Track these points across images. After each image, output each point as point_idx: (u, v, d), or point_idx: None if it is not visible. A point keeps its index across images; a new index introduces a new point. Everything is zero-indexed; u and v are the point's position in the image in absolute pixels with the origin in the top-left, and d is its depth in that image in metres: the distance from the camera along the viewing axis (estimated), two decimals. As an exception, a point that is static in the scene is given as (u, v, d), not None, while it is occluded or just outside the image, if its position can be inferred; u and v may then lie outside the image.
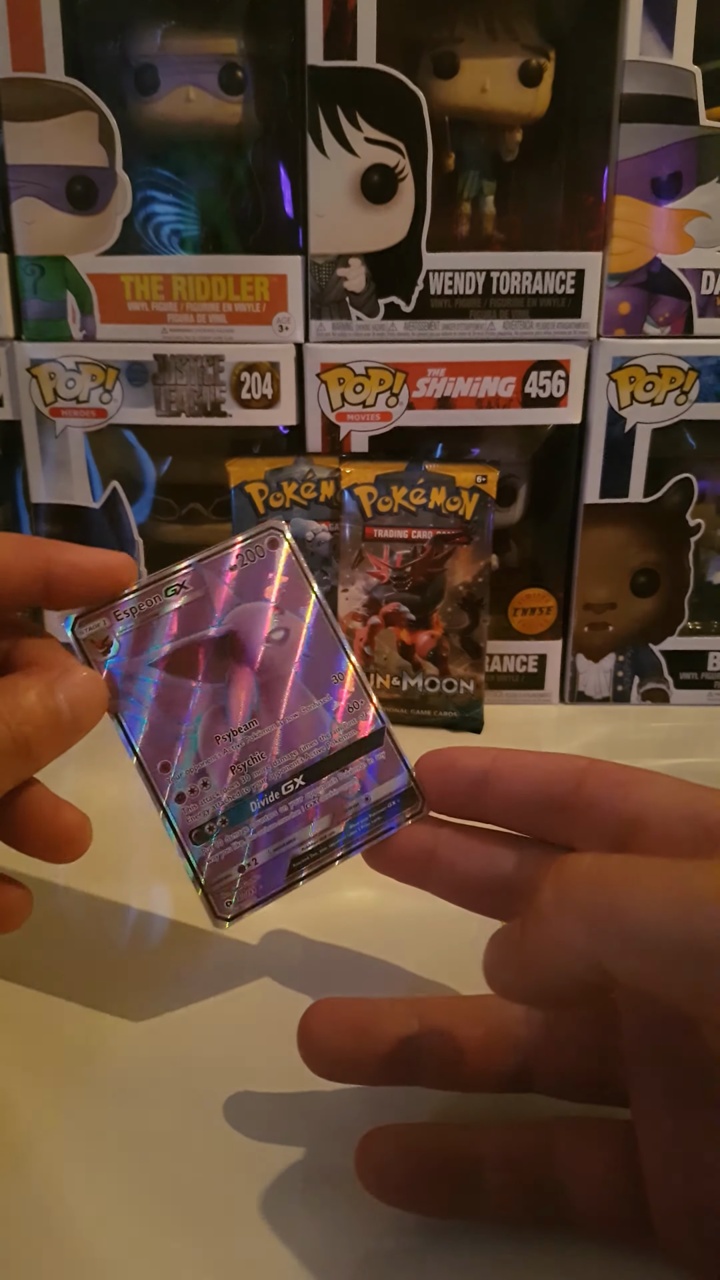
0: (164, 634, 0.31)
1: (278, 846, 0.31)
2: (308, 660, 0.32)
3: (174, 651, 0.31)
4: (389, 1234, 0.27)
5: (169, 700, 0.31)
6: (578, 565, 0.57)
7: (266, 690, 0.32)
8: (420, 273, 0.52)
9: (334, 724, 0.32)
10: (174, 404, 0.54)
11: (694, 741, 0.55)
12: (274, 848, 0.31)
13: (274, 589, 0.32)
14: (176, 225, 0.52)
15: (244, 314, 0.53)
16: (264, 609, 0.32)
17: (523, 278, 0.52)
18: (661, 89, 0.50)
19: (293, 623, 0.32)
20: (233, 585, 0.32)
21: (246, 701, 0.32)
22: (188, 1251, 0.27)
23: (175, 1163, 0.30)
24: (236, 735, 0.32)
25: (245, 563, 0.32)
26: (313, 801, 0.32)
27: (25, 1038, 0.34)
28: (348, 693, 0.32)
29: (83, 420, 0.54)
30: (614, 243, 0.52)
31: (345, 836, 0.32)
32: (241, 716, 0.32)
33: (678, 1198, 0.24)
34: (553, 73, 0.50)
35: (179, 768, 0.31)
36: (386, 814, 0.32)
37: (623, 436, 0.55)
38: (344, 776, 0.32)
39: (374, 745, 0.32)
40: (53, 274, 0.52)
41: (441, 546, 0.54)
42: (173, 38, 0.50)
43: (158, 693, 0.31)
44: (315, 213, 0.51)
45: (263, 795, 0.31)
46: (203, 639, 0.32)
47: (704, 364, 0.53)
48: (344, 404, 0.54)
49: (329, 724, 0.32)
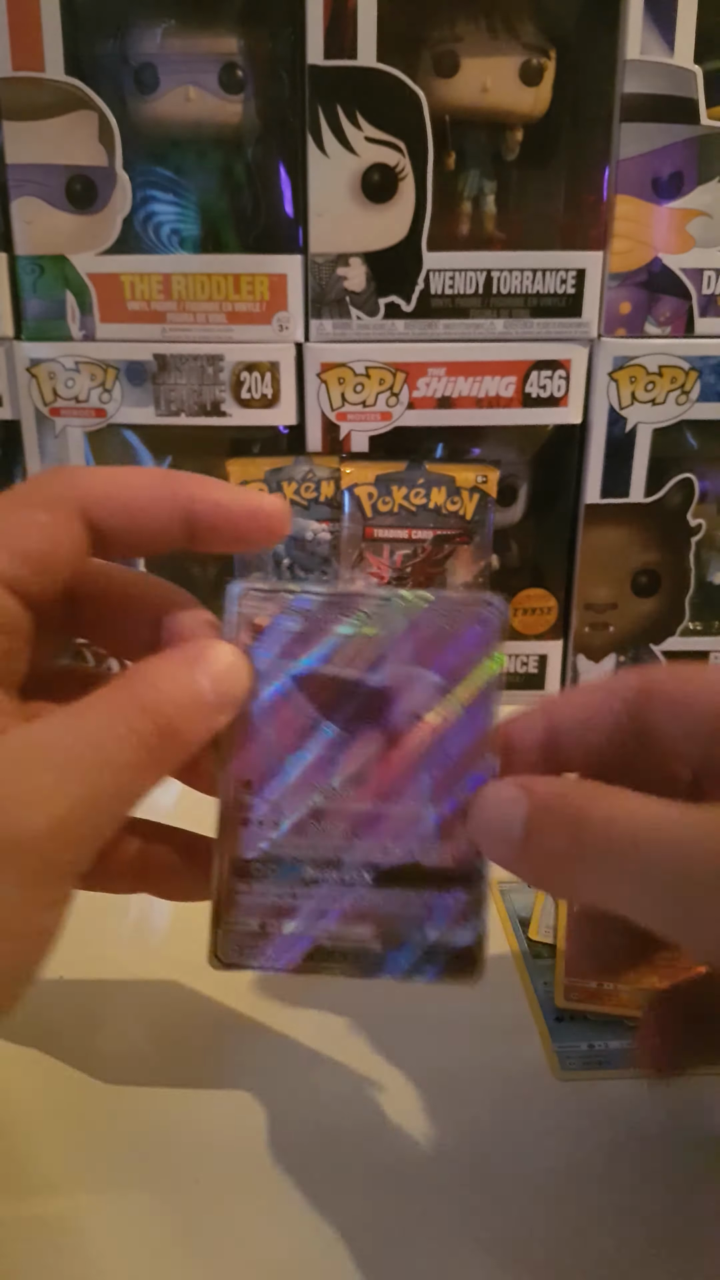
0: (322, 654, 0.28)
1: (309, 926, 0.28)
2: (444, 761, 0.28)
3: (322, 677, 0.28)
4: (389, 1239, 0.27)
5: (289, 722, 0.28)
6: (578, 565, 0.57)
7: (387, 767, 0.28)
8: (421, 272, 0.52)
9: (434, 840, 0.28)
10: (174, 403, 0.54)
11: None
12: (306, 925, 0.28)
13: (454, 670, 0.28)
14: (176, 224, 0.52)
15: (244, 313, 0.52)
16: (432, 685, 0.28)
17: (523, 277, 0.52)
18: (662, 88, 0.50)
19: (452, 714, 0.28)
20: (416, 642, 0.28)
21: (361, 766, 0.28)
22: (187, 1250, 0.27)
23: (173, 1160, 0.30)
24: (333, 795, 0.28)
25: (443, 624, 0.28)
26: (369, 904, 0.28)
27: (25, 1036, 0.34)
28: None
29: (82, 420, 0.54)
30: (615, 242, 0.52)
31: (379, 960, 0.28)
32: (349, 778, 0.28)
33: None
34: (554, 72, 0.50)
35: (261, 793, 0.28)
36: (433, 961, 0.28)
37: (623, 436, 0.55)
38: (413, 899, 0.28)
39: (461, 884, 0.28)
40: (52, 273, 0.52)
41: (441, 546, 0.54)
42: (173, 37, 0.50)
43: (281, 709, 0.28)
44: (315, 212, 0.51)
45: (326, 868, 0.28)
46: (356, 681, 0.28)
47: (705, 364, 0.53)
48: (344, 404, 0.54)
49: (429, 837, 0.28)
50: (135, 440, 0.56)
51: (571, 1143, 0.30)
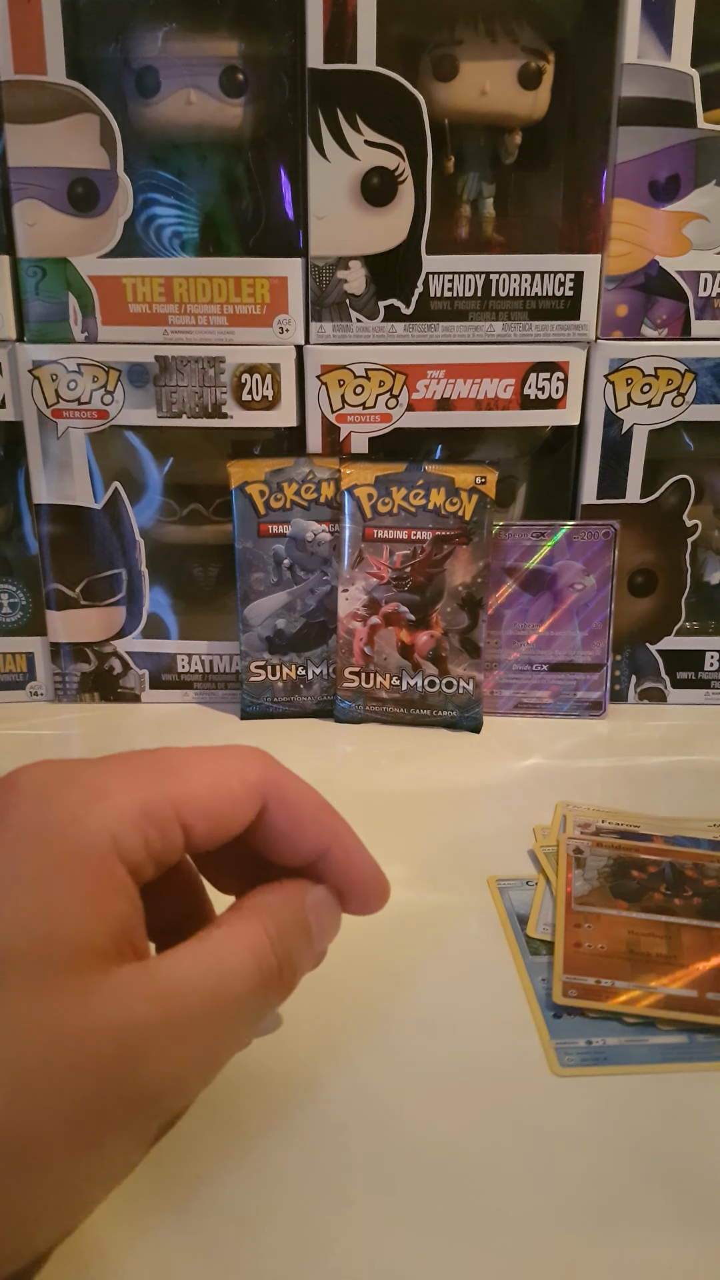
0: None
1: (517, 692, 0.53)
2: (584, 609, 0.55)
3: (522, 569, 0.54)
4: (390, 1235, 0.28)
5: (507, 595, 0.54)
6: (576, 565, 0.58)
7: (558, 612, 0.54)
8: (420, 275, 0.52)
9: (580, 648, 0.52)
10: (175, 405, 0.54)
11: (691, 740, 0.56)
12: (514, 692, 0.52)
13: (589, 561, 0.54)
14: (177, 227, 0.52)
15: (245, 316, 0.53)
16: (578, 570, 0.55)
17: (522, 280, 0.52)
18: (660, 92, 0.50)
19: (588, 585, 0.55)
20: (571, 547, 0.55)
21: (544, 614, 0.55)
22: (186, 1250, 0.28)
23: (173, 1157, 0.30)
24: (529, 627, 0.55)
25: (584, 537, 0.55)
26: (547, 682, 0.55)
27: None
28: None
29: (84, 422, 0.54)
30: (612, 245, 0.52)
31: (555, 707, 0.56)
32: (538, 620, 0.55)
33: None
34: (552, 75, 0.51)
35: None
36: (578, 706, 0.56)
37: (620, 438, 0.55)
38: (569, 677, 0.56)
39: (593, 670, 0.51)
40: (54, 276, 0.52)
41: (441, 547, 0.55)
42: (173, 40, 0.50)
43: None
44: (315, 215, 0.51)
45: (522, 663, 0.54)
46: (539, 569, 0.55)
47: (701, 366, 0.54)
48: (344, 405, 0.54)
49: (578, 646, 0.53)
50: (137, 442, 0.56)
51: (570, 1138, 0.31)
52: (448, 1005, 0.36)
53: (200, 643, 0.59)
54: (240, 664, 0.57)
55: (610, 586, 0.55)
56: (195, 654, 0.59)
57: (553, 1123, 0.31)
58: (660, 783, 0.51)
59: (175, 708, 0.60)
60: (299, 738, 0.56)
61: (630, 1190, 0.29)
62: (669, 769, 0.53)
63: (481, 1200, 0.29)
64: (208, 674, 0.59)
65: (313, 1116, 0.31)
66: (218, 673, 0.59)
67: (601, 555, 0.55)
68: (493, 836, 0.46)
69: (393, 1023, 0.35)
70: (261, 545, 0.55)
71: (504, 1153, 0.30)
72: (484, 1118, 0.31)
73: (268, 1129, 0.31)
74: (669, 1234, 0.28)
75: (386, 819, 0.45)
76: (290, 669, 0.57)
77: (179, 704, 0.60)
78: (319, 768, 0.52)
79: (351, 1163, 0.29)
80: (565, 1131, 0.31)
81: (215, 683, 0.59)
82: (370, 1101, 0.32)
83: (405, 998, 0.36)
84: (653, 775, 0.52)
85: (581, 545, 0.55)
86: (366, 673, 0.56)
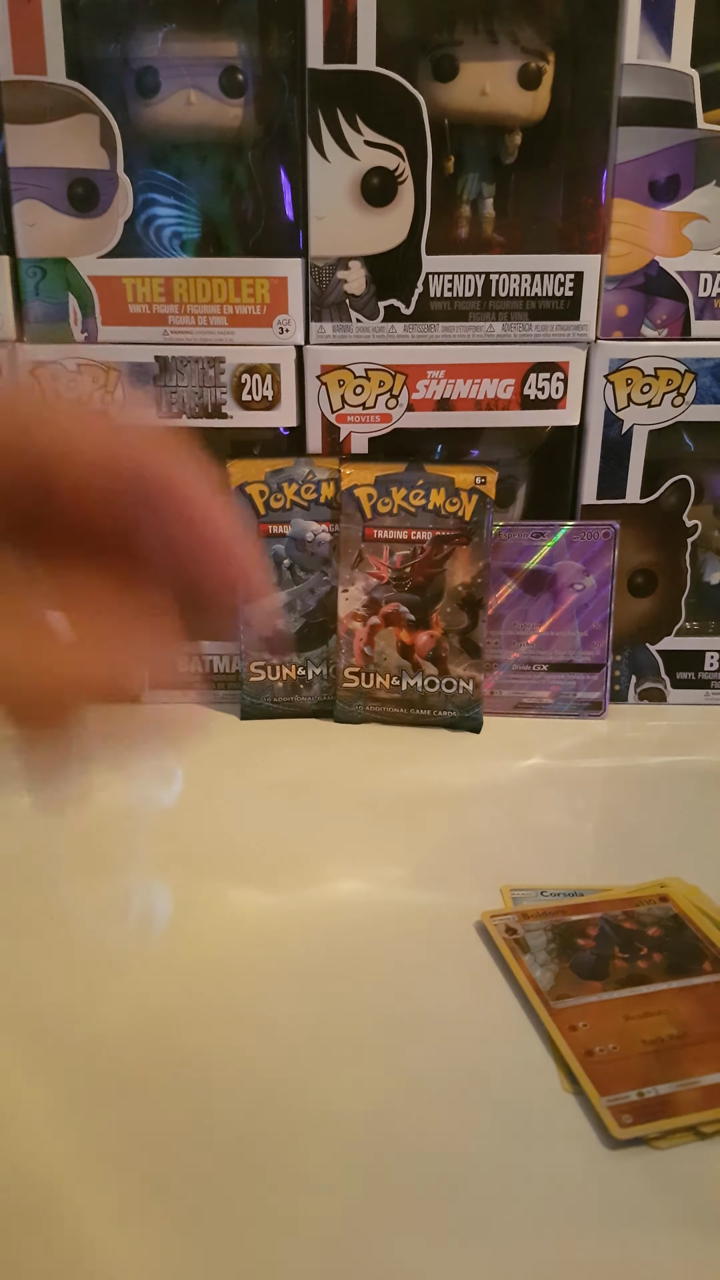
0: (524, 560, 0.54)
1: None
2: (584, 608, 0.54)
3: (522, 569, 0.52)
4: (391, 1236, 0.28)
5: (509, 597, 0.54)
6: (576, 565, 0.58)
7: (557, 612, 0.55)
8: (420, 275, 0.52)
9: (579, 648, 0.55)
10: (175, 405, 0.54)
11: (691, 740, 0.56)
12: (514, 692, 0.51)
13: (588, 561, 0.53)
14: (177, 228, 0.52)
15: (245, 316, 0.53)
16: (577, 570, 0.55)
17: (521, 280, 0.52)
18: (660, 92, 0.50)
19: (587, 585, 0.54)
20: (570, 547, 0.55)
21: (543, 613, 0.56)
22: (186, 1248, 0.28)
23: (174, 1158, 0.30)
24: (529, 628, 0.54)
25: (583, 538, 0.55)
26: (546, 681, 0.56)
27: (27, 1034, 0.34)
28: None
29: (84, 421, 0.54)
30: (612, 245, 0.52)
31: (551, 708, 0.56)
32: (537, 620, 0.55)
33: None
34: (552, 76, 0.51)
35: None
36: (576, 707, 0.57)
37: (620, 438, 0.55)
38: (569, 677, 0.56)
39: (593, 670, 0.52)
40: (54, 276, 0.52)
41: (441, 547, 0.55)
42: (173, 41, 0.50)
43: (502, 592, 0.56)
44: (315, 215, 0.51)
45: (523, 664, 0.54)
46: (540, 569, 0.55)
47: (701, 366, 0.54)
48: (344, 405, 0.54)
49: (578, 646, 0.55)
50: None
51: (572, 1142, 0.31)
52: (449, 1010, 0.36)
53: (200, 643, 0.59)
54: (240, 664, 0.57)
55: (610, 587, 0.55)
56: (195, 654, 0.59)
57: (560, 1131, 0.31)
58: (660, 783, 0.51)
59: (175, 708, 0.60)
60: (299, 738, 0.56)
61: (632, 1192, 0.29)
62: (669, 769, 0.53)
63: (482, 1200, 0.29)
64: (208, 674, 0.59)
65: (312, 1113, 0.31)
66: (218, 673, 0.59)
67: (601, 555, 0.55)
68: (493, 836, 0.46)
69: (393, 1023, 0.35)
70: (261, 546, 0.55)
71: (506, 1154, 0.30)
72: (487, 1121, 0.31)
73: (268, 1129, 0.31)
74: (671, 1234, 0.28)
75: (386, 819, 0.45)
76: (290, 669, 0.57)
77: (179, 704, 0.60)
78: (319, 768, 0.52)
79: (352, 1163, 0.28)
80: (570, 1138, 0.31)
81: (215, 683, 0.59)
82: (367, 1103, 0.32)
83: (410, 1002, 0.36)
84: (653, 775, 0.52)
85: (581, 545, 0.55)
86: (366, 673, 0.56)
